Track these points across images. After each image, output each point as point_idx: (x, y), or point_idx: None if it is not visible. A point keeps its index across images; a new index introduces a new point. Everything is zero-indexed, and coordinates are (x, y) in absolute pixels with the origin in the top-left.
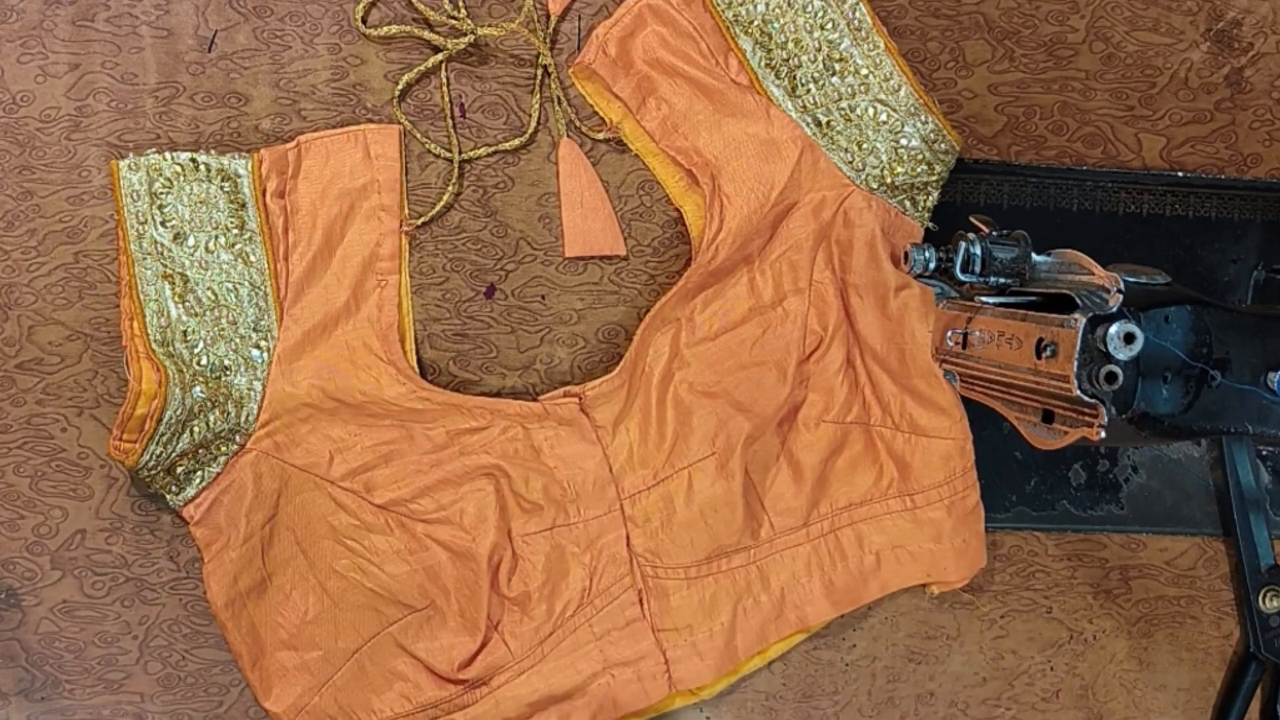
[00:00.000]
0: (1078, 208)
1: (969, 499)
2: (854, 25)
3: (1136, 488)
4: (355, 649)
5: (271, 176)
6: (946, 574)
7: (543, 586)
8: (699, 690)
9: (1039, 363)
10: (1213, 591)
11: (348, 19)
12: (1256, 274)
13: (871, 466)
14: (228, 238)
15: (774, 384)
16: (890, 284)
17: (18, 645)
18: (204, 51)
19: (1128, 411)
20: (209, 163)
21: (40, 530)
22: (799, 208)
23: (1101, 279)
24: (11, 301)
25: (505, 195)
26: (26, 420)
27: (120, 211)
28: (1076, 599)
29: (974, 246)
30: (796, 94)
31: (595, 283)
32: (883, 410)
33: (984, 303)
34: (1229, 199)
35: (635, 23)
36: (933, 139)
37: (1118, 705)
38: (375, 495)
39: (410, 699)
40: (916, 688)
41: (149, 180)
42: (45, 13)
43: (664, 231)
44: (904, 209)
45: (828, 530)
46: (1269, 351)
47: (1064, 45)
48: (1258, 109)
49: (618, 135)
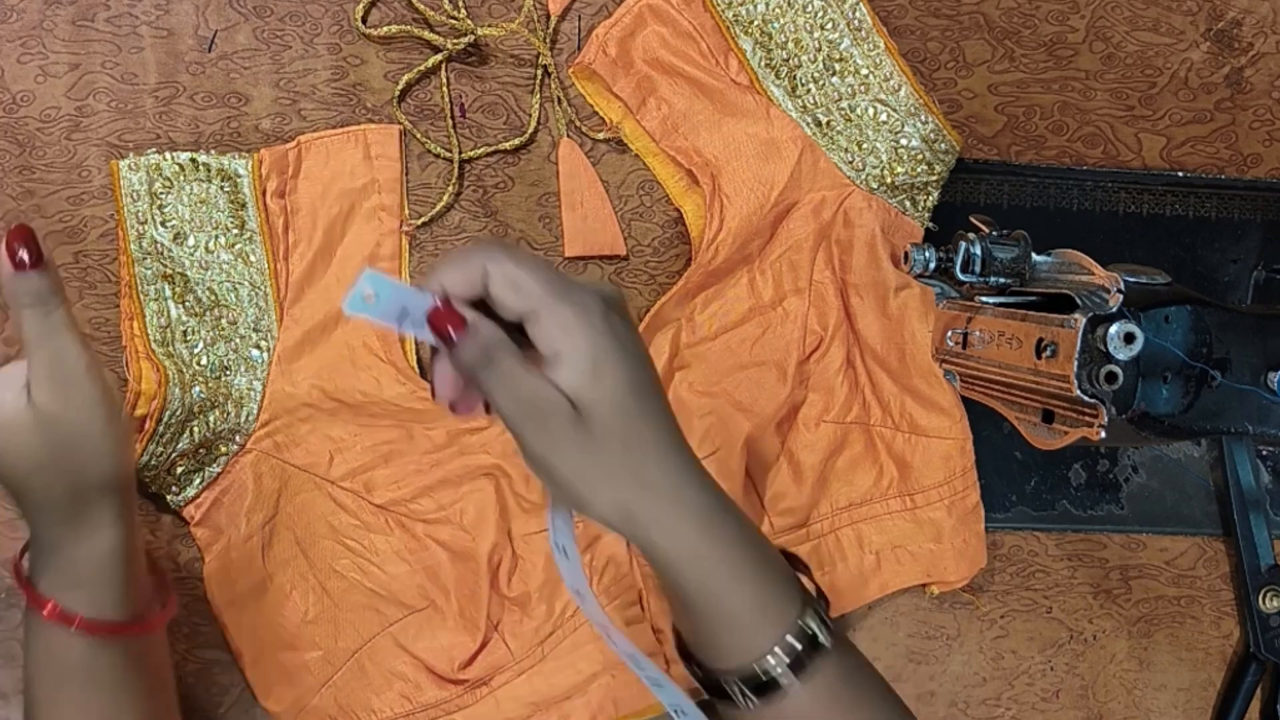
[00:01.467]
0: (1078, 208)
1: (969, 499)
2: (854, 25)
3: (1136, 488)
4: (355, 649)
5: (272, 176)
6: (946, 574)
7: (543, 586)
8: None
9: (1039, 363)
10: (1213, 591)
11: (348, 19)
12: (1256, 274)
13: (872, 466)
14: (228, 238)
15: (774, 384)
16: (890, 284)
17: (18, 645)
18: (204, 51)
19: (1128, 411)
20: (209, 162)
21: None
22: (799, 208)
23: (1101, 279)
24: None
25: (505, 195)
26: None
27: (120, 211)
28: (1076, 599)
29: (974, 246)
30: (796, 94)
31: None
32: (883, 410)
33: (984, 303)
34: (1229, 199)
35: (635, 22)
36: (933, 139)
37: (1118, 705)
38: (375, 495)
39: (410, 699)
40: (916, 688)
41: (149, 180)
42: (45, 13)
43: (664, 231)
44: (904, 209)
45: (828, 530)
46: (1269, 351)
47: (1064, 45)
48: (1258, 109)
49: (618, 135)
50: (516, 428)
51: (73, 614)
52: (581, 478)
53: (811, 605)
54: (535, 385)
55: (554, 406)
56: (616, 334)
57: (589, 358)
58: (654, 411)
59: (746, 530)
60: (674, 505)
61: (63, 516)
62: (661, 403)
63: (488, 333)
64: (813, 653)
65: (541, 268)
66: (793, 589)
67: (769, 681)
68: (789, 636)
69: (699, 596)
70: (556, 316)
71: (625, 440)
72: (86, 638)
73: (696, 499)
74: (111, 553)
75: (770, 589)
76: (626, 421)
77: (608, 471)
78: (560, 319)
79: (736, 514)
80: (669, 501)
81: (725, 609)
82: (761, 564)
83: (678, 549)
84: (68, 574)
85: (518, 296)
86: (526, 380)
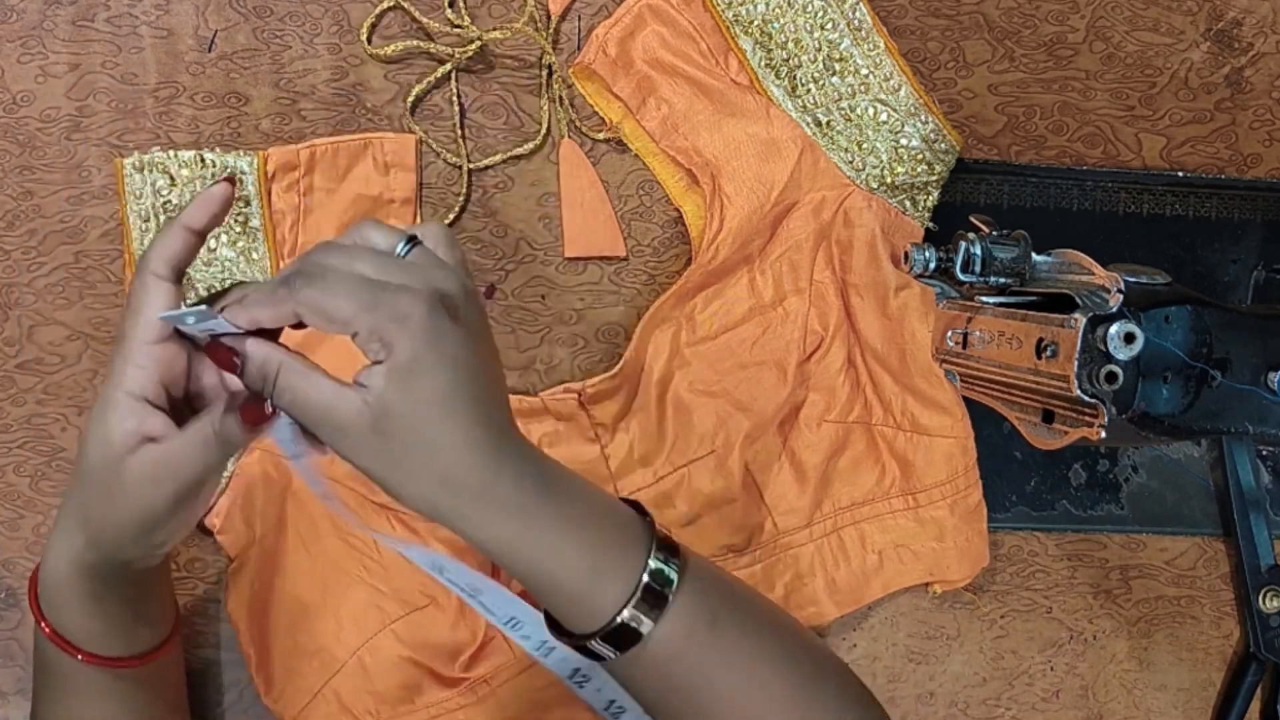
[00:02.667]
0: (1078, 208)
1: (971, 497)
2: (854, 25)
3: (1136, 488)
4: (357, 647)
5: (279, 175)
6: (949, 573)
7: None
8: None
9: (1039, 363)
10: (1213, 591)
11: (348, 19)
12: (1256, 274)
13: (874, 466)
14: (230, 235)
15: (774, 383)
16: (890, 284)
17: (17, 645)
18: (204, 51)
19: (1128, 411)
20: (213, 160)
21: (40, 530)
22: (799, 207)
23: (1101, 279)
24: (11, 301)
25: (505, 195)
26: (26, 420)
27: (123, 209)
28: (1076, 599)
29: (974, 246)
30: (796, 94)
31: (595, 283)
32: (884, 409)
33: (984, 303)
34: (1229, 199)
35: (635, 22)
36: (933, 139)
37: (1118, 705)
38: (377, 494)
39: (412, 697)
40: (916, 688)
41: (152, 178)
42: (45, 13)
43: (664, 231)
44: (904, 209)
45: (830, 530)
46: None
47: (1064, 45)
48: (1258, 109)
49: (618, 135)
50: (319, 435)
51: (77, 648)
52: (386, 477)
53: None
54: (325, 398)
55: (349, 417)
56: (439, 340)
57: (402, 367)
58: (464, 412)
59: (570, 505)
60: (480, 501)
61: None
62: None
63: (258, 354)
64: (664, 595)
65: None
66: (633, 541)
67: (627, 633)
68: (632, 588)
69: (527, 577)
70: (376, 333)
71: (427, 446)
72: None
73: (507, 494)
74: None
75: (605, 553)
76: (429, 428)
77: (410, 473)
78: (379, 334)
79: (560, 492)
80: (474, 498)
81: (555, 584)
82: (588, 531)
83: (492, 539)
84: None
85: (329, 324)
86: (315, 393)
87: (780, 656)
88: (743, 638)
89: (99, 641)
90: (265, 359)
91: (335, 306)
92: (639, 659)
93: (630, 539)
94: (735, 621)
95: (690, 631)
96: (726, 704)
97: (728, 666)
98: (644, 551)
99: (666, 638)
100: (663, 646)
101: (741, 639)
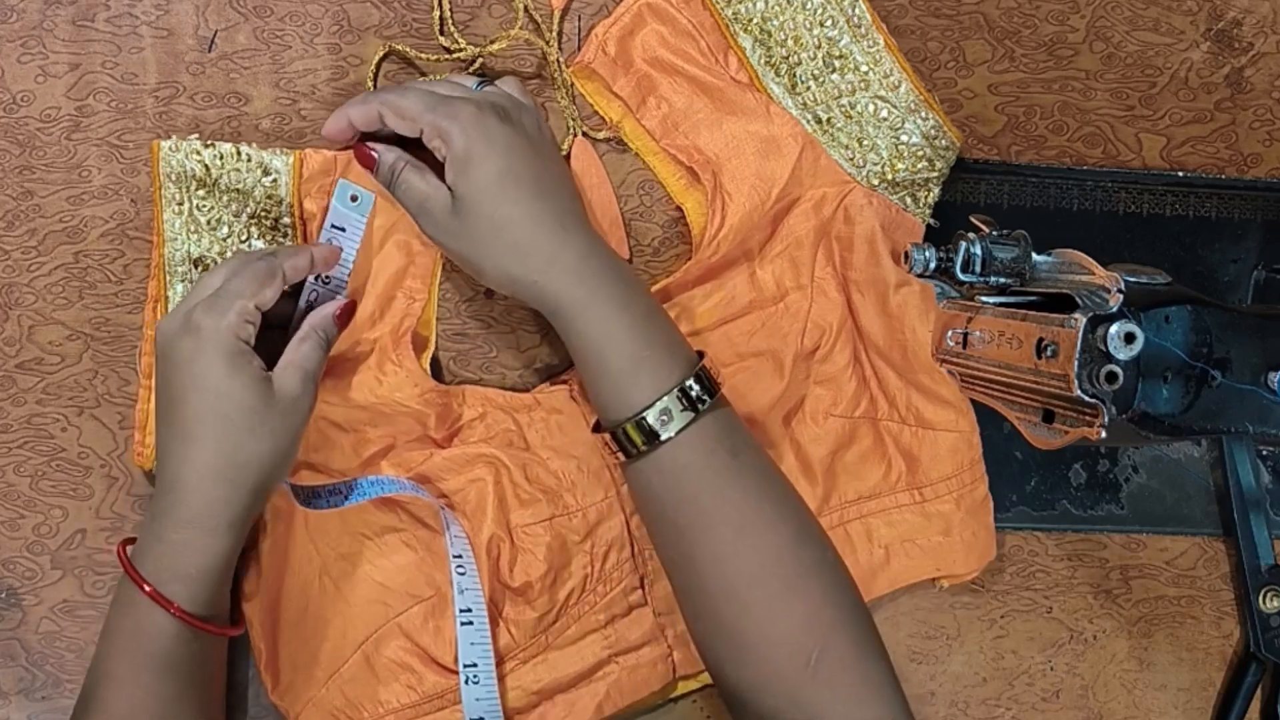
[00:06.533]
0: (1078, 208)
1: (977, 491)
2: (853, 22)
3: (1136, 488)
4: (361, 640)
5: (315, 178)
6: (956, 567)
7: (544, 576)
8: (699, 675)
9: (1039, 363)
10: (1213, 591)
11: (348, 19)
12: (1256, 274)
13: (880, 461)
14: (260, 228)
15: (770, 376)
16: (890, 280)
17: (18, 645)
18: (204, 51)
19: (1128, 411)
20: (250, 154)
21: (40, 530)
22: (800, 204)
23: (1101, 279)
24: (11, 301)
25: None
26: (26, 420)
27: (156, 191)
28: (1076, 599)
29: (974, 246)
30: (796, 91)
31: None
32: (889, 404)
33: (984, 303)
34: (1229, 199)
35: (634, 21)
36: (933, 135)
37: (1118, 705)
38: None
39: (415, 689)
40: (917, 688)
41: (189, 164)
42: (45, 13)
43: (664, 231)
44: (905, 205)
45: (836, 524)
46: (1269, 351)
47: (1064, 45)
48: (1258, 109)
49: (618, 134)
50: (415, 220)
51: (170, 600)
52: (467, 252)
53: (702, 373)
54: (421, 186)
55: (435, 202)
56: (487, 133)
57: (460, 157)
58: (521, 192)
59: (632, 299)
60: (549, 268)
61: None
62: (539, 185)
63: (388, 156)
64: (695, 406)
65: (420, 94)
66: (679, 357)
67: (649, 431)
68: (668, 387)
69: (578, 349)
70: (436, 129)
71: (495, 222)
72: (178, 625)
73: (573, 264)
74: (225, 555)
75: (652, 348)
76: (493, 207)
77: (485, 247)
78: (438, 130)
79: (626, 285)
80: (542, 266)
81: (601, 361)
82: (640, 328)
83: (556, 299)
84: (175, 567)
85: (404, 123)
86: (416, 184)
87: (786, 511)
88: (760, 478)
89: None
90: (394, 160)
91: (404, 106)
92: (660, 462)
93: (677, 354)
94: (755, 464)
95: (712, 451)
96: (731, 530)
97: (740, 495)
98: (687, 366)
99: (690, 445)
100: (685, 452)
101: (759, 479)
